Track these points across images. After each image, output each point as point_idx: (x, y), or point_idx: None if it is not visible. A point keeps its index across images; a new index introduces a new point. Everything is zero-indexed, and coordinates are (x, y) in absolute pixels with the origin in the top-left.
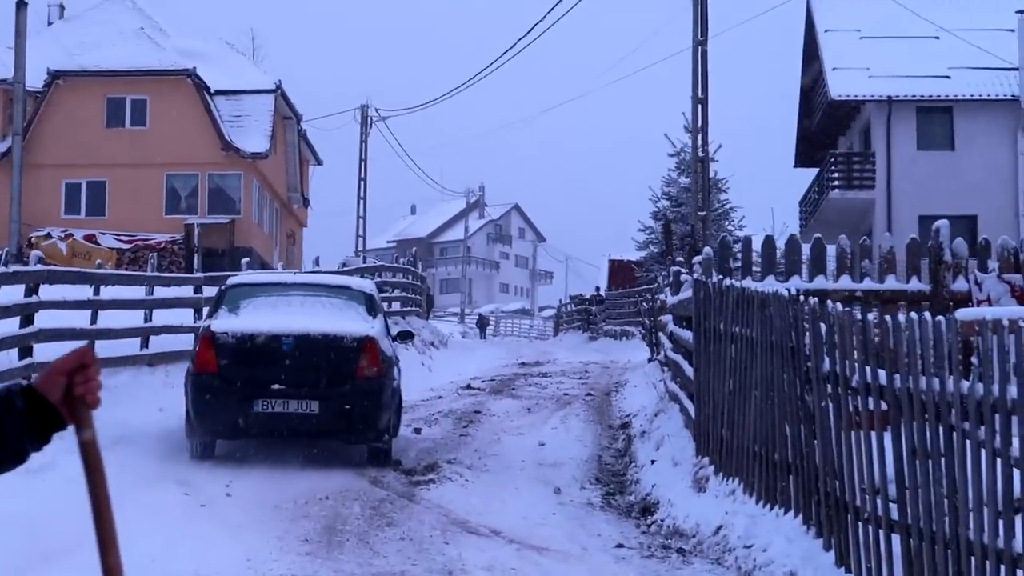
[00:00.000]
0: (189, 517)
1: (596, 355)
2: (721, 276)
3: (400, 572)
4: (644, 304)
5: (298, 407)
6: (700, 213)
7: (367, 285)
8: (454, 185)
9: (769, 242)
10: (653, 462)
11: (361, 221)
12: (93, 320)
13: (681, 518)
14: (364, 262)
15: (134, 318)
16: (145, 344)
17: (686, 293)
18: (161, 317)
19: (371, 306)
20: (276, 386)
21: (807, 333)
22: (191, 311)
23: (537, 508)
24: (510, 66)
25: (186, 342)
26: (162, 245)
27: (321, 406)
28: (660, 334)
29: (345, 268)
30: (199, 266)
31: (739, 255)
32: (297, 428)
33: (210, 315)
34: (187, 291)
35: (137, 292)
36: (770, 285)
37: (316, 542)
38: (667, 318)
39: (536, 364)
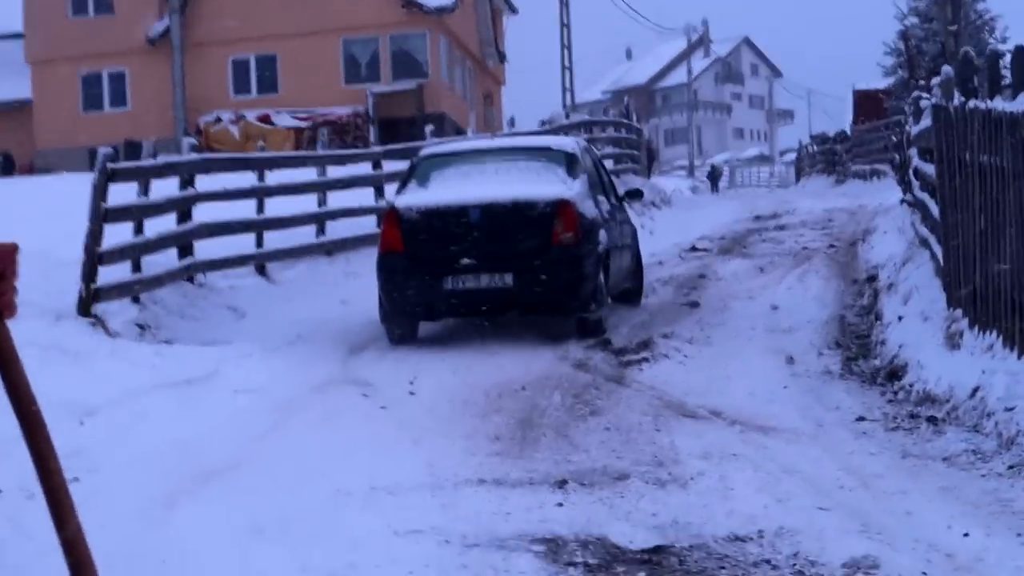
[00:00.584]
0: (367, 421)
1: (843, 200)
2: (964, 98)
3: (602, 467)
4: (892, 137)
5: (491, 281)
6: (951, 28)
7: (569, 144)
8: (673, 22)
9: (1020, 54)
10: (900, 319)
11: (567, 72)
12: (260, 209)
13: (932, 381)
14: (568, 119)
15: (306, 203)
16: (321, 231)
17: (926, 121)
18: (337, 200)
19: (572, 166)
20: (465, 260)
21: None
22: (371, 190)
23: (767, 382)
24: None
25: (368, 225)
26: (344, 119)
27: (515, 279)
28: (911, 170)
29: (547, 127)
30: (377, 139)
31: (986, 71)
32: (492, 304)
33: (399, 190)
34: (364, 168)
35: (308, 174)
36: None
37: (508, 439)
38: (913, 151)
39: (773, 216)
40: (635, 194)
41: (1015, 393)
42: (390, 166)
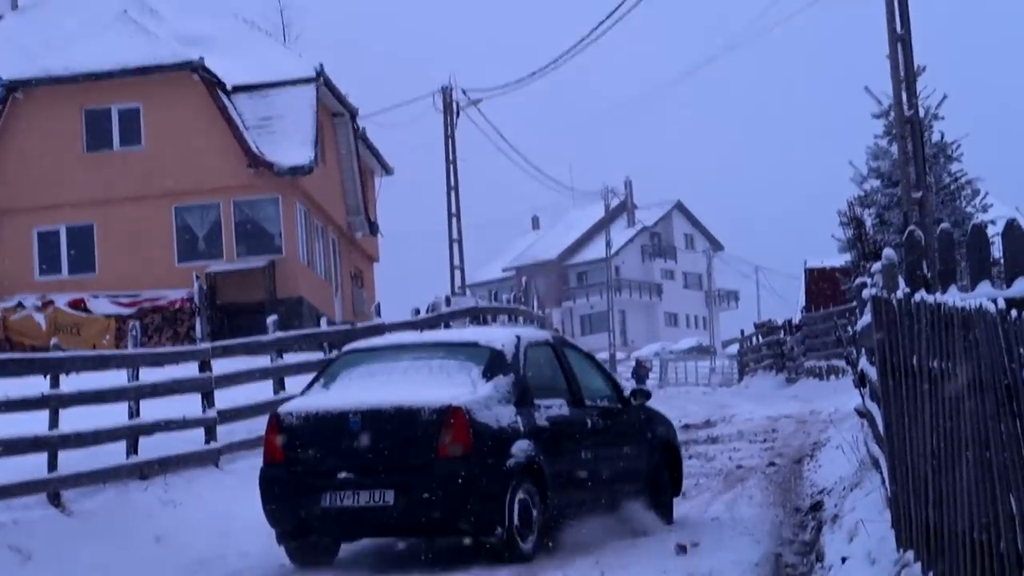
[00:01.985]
0: None
1: (791, 405)
2: (909, 288)
3: None
4: (848, 329)
5: (369, 499)
6: (914, 195)
7: (503, 339)
8: (589, 184)
9: (979, 234)
10: (844, 560)
11: (456, 246)
12: (53, 423)
13: None
14: (448, 305)
15: (114, 414)
16: (133, 449)
17: (868, 315)
18: (154, 410)
19: (494, 366)
20: (343, 474)
21: None
22: (198, 397)
23: None
24: (635, 18)
25: (194, 441)
26: (176, 304)
27: (397, 496)
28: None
29: (425, 316)
30: (208, 330)
31: (941, 255)
32: (371, 525)
33: (303, 392)
34: (190, 369)
35: (116, 378)
36: (981, 295)
37: None
38: (863, 350)
39: (706, 425)
40: (642, 393)
41: None
42: (225, 366)
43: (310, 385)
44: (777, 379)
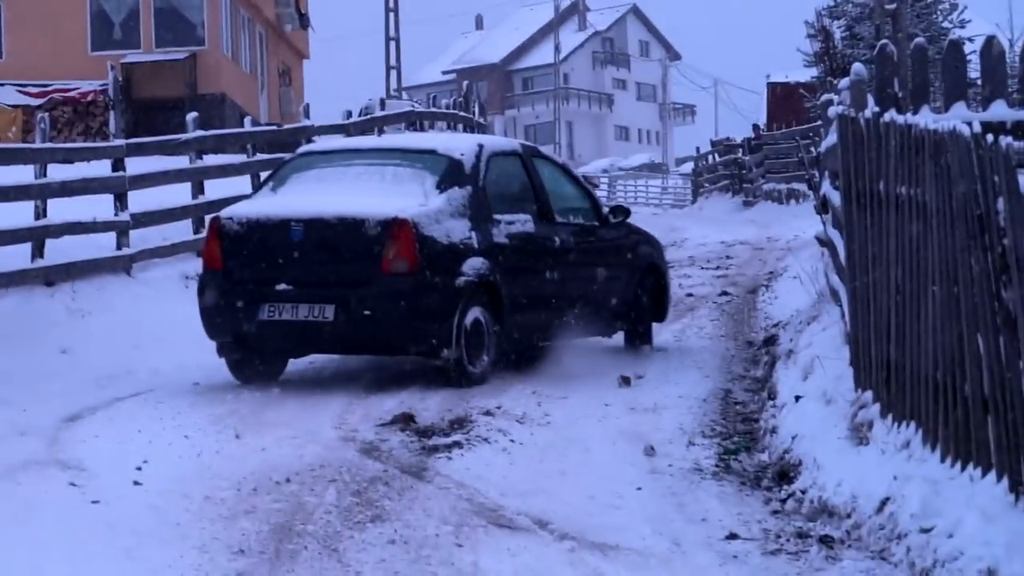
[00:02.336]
0: (69, 521)
1: (747, 230)
2: (879, 108)
3: None
4: (812, 149)
5: (309, 313)
6: (888, 6)
7: (464, 147)
8: None
9: (955, 51)
10: (797, 399)
11: (392, 44)
12: None
13: (830, 487)
14: (382, 108)
15: (19, 214)
16: (39, 252)
17: (833, 136)
18: (62, 210)
19: (450, 177)
20: (283, 286)
21: (1001, 194)
22: (110, 198)
23: (615, 480)
24: None
25: (105, 245)
26: (88, 96)
27: (337, 312)
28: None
29: (358, 119)
30: (123, 126)
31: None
32: (310, 340)
33: (252, 195)
34: (101, 169)
35: (21, 174)
36: (955, 118)
37: (256, 553)
38: (826, 172)
39: None
40: (620, 211)
41: (934, 508)
42: (140, 165)
43: (258, 188)
44: (733, 202)
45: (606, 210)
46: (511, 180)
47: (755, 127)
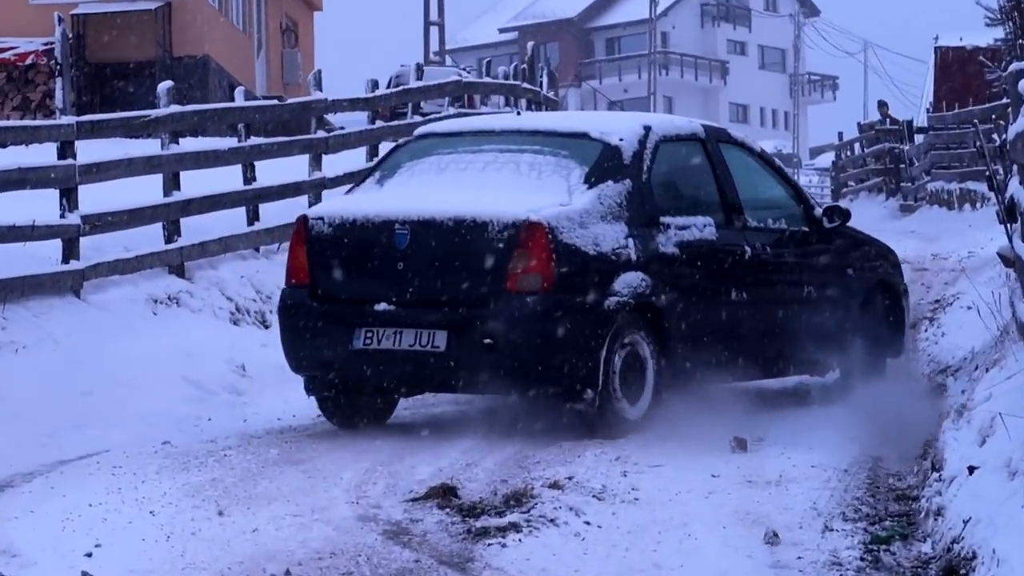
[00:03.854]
0: None
1: (907, 243)
2: None
3: None
4: (995, 136)
5: (415, 341)
6: None
7: (626, 132)
8: None
9: None
10: (972, 471)
11: None
12: None
13: None
14: (419, 78)
15: None
16: None
17: None
18: None
19: (604, 169)
20: (383, 306)
21: None
22: (55, 194)
23: None
24: None
25: (45, 257)
26: (28, 59)
27: (451, 340)
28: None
29: (376, 95)
30: (73, 99)
31: None
32: (415, 376)
33: (350, 188)
34: (43, 155)
35: None
36: None
37: None
38: (1014, 169)
39: None
40: (838, 212)
41: None
42: (96, 151)
43: (362, 180)
44: (888, 206)
45: (818, 211)
46: (687, 173)
47: (881, 105)
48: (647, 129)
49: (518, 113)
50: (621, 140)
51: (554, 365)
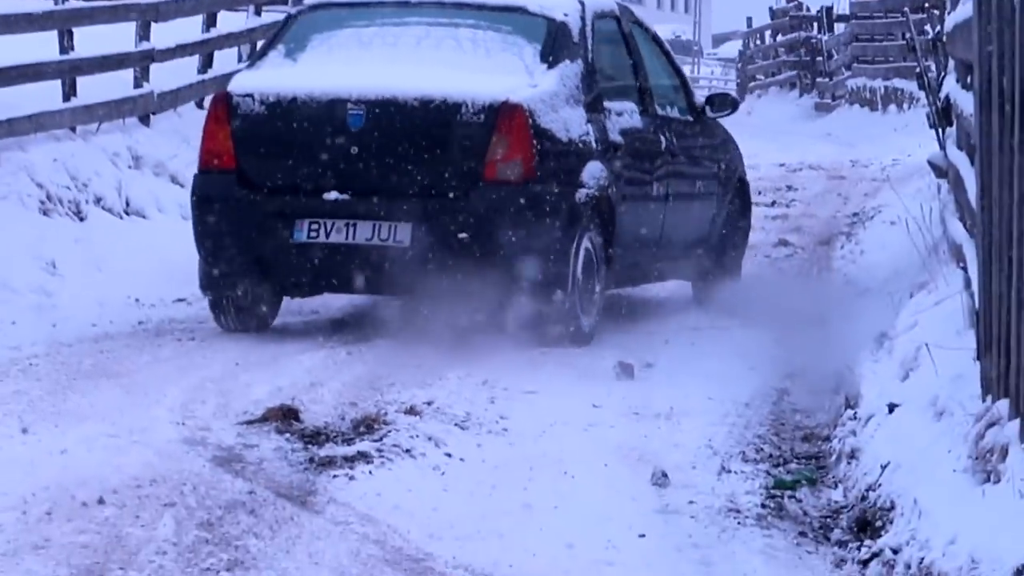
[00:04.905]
0: None
1: (823, 148)
2: None
3: None
4: (926, 28)
5: (373, 235)
6: None
7: (561, 6)
8: None
9: None
10: (892, 409)
11: None
12: None
13: (939, 545)
14: None
15: None
16: None
17: (966, 7)
18: None
19: (558, 47)
20: (332, 195)
21: None
22: None
23: (607, 522)
24: None
25: None
26: None
27: (415, 234)
28: (942, 102)
29: None
30: None
31: None
32: (371, 275)
33: (252, 61)
34: None
35: None
36: None
37: None
38: (951, 66)
39: None
40: (724, 101)
41: None
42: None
43: (263, 52)
44: (801, 104)
45: (699, 100)
46: (613, 54)
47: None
48: (581, 4)
49: None
50: (566, 15)
51: (530, 263)
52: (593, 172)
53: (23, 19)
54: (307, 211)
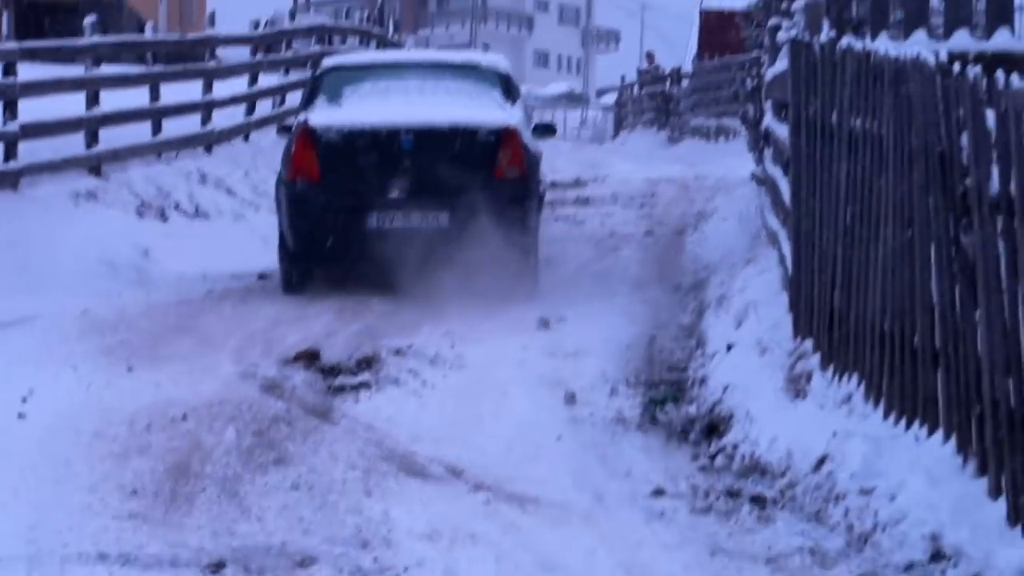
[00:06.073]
0: None
1: (674, 167)
2: (835, 32)
3: (280, 544)
4: (747, 81)
5: (423, 220)
6: None
7: (501, 63)
8: None
9: None
10: (730, 348)
11: None
12: None
13: (764, 443)
14: (292, 20)
15: None
16: None
17: (783, 62)
18: None
19: (508, 89)
20: (395, 194)
21: (966, 129)
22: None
23: (534, 429)
24: None
25: None
26: None
27: (452, 218)
28: (763, 131)
29: (256, 33)
30: (11, 30)
31: None
32: (423, 247)
33: (304, 107)
34: None
35: None
36: (916, 46)
37: (151, 495)
38: (768, 105)
39: (576, 184)
40: (548, 129)
41: (875, 469)
42: (31, 73)
43: (309, 101)
44: (658, 137)
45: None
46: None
47: (649, 55)
48: (506, 62)
49: (287, 48)
50: (506, 70)
51: (520, 233)
52: (540, 176)
53: (125, 79)
54: (376, 206)
